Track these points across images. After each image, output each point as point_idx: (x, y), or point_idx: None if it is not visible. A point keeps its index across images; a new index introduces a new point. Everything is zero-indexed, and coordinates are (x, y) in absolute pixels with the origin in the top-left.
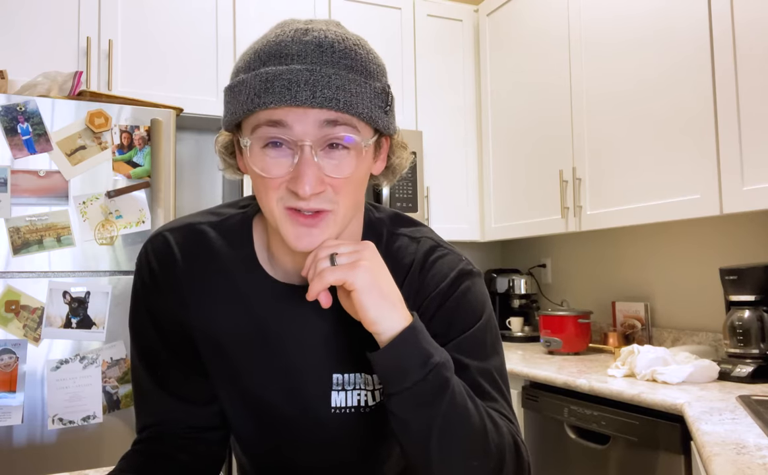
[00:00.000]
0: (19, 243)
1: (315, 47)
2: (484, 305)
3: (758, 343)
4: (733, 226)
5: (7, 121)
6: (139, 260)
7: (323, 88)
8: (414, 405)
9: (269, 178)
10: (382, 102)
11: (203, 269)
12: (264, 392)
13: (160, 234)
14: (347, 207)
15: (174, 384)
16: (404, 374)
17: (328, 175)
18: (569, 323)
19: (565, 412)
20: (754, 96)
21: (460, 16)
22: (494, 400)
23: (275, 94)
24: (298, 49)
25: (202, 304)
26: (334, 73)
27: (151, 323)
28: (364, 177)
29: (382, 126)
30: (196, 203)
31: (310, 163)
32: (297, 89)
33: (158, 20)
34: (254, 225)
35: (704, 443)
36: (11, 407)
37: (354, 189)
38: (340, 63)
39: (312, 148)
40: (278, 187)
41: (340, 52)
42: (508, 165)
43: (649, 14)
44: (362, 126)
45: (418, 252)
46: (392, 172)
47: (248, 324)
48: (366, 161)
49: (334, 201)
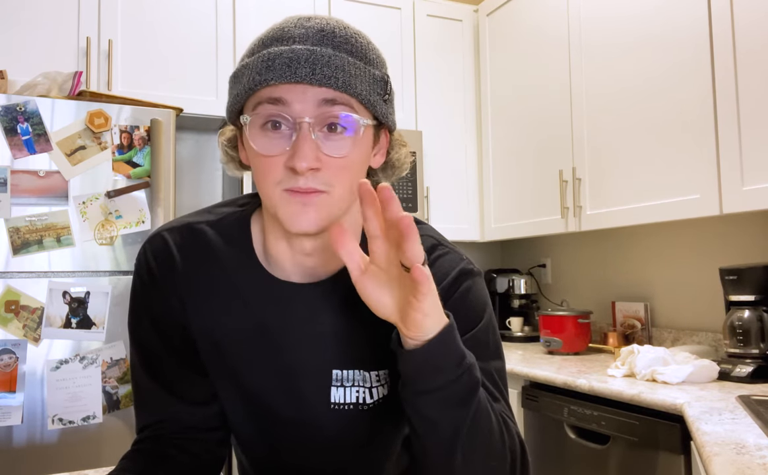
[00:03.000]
0: (19, 243)
1: (317, 31)
2: (485, 305)
3: (758, 343)
4: (733, 226)
5: (7, 121)
6: (138, 260)
7: (323, 66)
8: (446, 405)
9: (267, 157)
10: (381, 89)
11: (202, 268)
12: (263, 390)
13: (158, 234)
14: (342, 192)
15: (174, 384)
16: (438, 372)
17: (326, 154)
18: (569, 323)
19: (565, 412)
20: (754, 96)
21: (460, 16)
22: (497, 400)
23: (276, 70)
24: (300, 32)
25: (201, 303)
26: (334, 55)
27: (150, 323)
28: (361, 164)
29: (381, 113)
30: (196, 203)
31: (308, 139)
32: (297, 66)
33: (158, 20)
34: (252, 223)
35: (704, 443)
36: (11, 408)
37: (350, 174)
38: (340, 46)
39: (310, 126)
40: (276, 169)
41: (341, 38)
42: (508, 165)
43: (649, 14)
44: (360, 109)
45: None
46: (391, 168)
47: (247, 322)
48: (363, 147)
49: (330, 184)
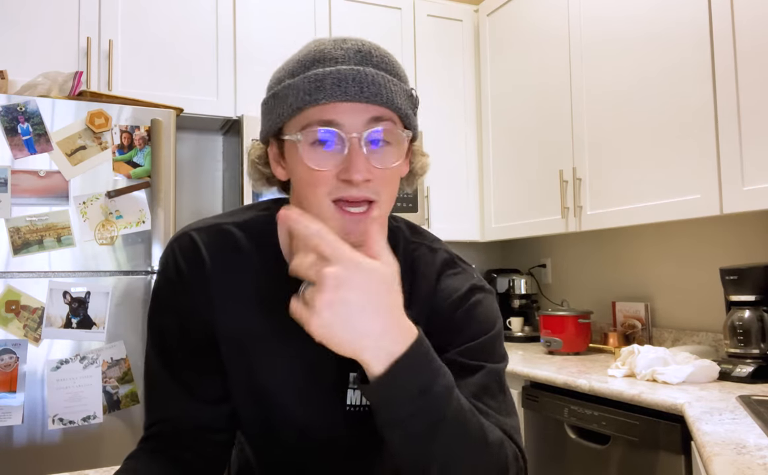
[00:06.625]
0: (20, 243)
1: (356, 52)
2: (494, 320)
3: (758, 343)
4: (734, 226)
5: (8, 122)
6: (166, 259)
7: (369, 85)
8: (406, 440)
9: (320, 171)
10: (411, 103)
11: (230, 269)
12: (281, 391)
13: (186, 234)
14: (388, 200)
15: (188, 381)
16: (395, 405)
17: (375, 166)
18: (569, 323)
19: (566, 412)
20: (755, 96)
21: (460, 16)
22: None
23: (326, 91)
24: (341, 53)
25: (228, 302)
26: (377, 73)
27: (174, 321)
28: (400, 174)
29: (413, 125)
30: (196, 203)
31: (360, 154)
32: (346, 86)
33: (158, 20)
34: (279, 226)
35: (704, 443)
36: (11, 408)
37: (394, 183)
38: (379, 65)
39: (360, 141)
40: (328, 181)
41: (378, 57)
42: (508, 165)
43: (649, 14)
44: (399, 122)
45: (435, 264)
46: (413, 176)
47: (271, 323)
48: (402, 158)
49: (378, 193)
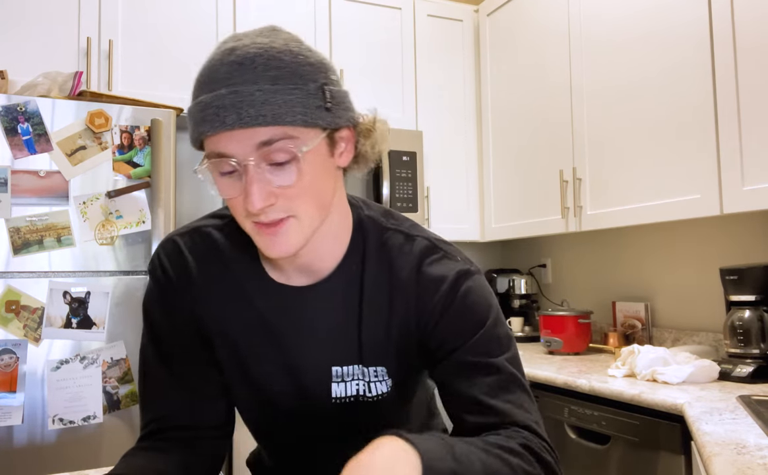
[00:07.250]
0: (20, 243)
1: (237, 67)
2: (489, 302)
3: (758, 343)
4: (734, 226)
5: (8, 122)
6: (153, 263)
7: (248, 107)
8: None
9: (231, 198)
10: (320, 100)
11: (212, 269)
12: (271, 385)
13: (170, 239)
14: (308, 210)
15: (185, 379)
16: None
17: (279, 185)
18: (569, 323)
19: (566, 412)
20: (755, 95)
21: (460, 16)
22: (512, 392)
23: (209, 122)
24: (224, 71)
25: (212, 300)
26: (257, 89)
27: (166, 321)
28: (320, 178)
29: (326, 123)
30: (196, 203)
31: (255, 181)
32: (225, 114)
33: (158, 20)
34: None
35: (704, 443)
36: (11, 408)
37: (312, 192)
38: (263, 76)
39: (256, 165)
40: (241, 205)
41: (262, 66)
42: (508, 165)
43: (649, 14)
44: (301, 131)
45: (413, 253)
46: (364, 160)
47: (254, 320)
48: (315, 163)
49: (291, 208)
